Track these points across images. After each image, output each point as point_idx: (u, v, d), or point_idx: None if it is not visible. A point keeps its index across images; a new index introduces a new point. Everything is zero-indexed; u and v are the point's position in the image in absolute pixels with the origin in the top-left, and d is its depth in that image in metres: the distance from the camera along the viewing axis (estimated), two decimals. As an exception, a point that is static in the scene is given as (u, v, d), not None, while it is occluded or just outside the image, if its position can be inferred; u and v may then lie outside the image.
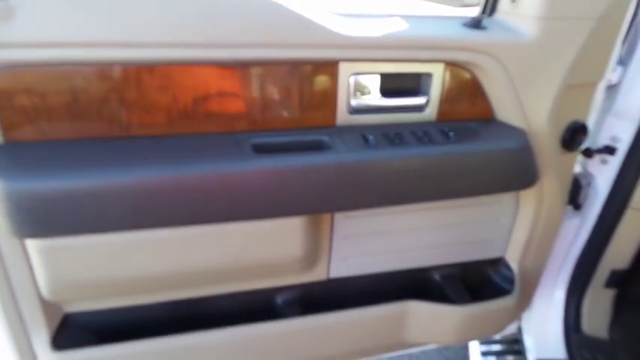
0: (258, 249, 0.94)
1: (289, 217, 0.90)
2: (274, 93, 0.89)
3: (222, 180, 0.82)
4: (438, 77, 0.97)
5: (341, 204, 0.90)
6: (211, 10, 0.78)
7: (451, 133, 0.97)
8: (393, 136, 0.96)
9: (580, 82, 1.04)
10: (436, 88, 0.99)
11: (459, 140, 0.96)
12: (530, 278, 1.31)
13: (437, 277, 1.25)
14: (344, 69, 0.91)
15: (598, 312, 1.49)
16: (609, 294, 1.50)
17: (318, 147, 0.92)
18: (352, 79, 0.92)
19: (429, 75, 0.97)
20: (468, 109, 1.03)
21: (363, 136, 0.94)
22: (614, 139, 1.31)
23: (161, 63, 0.81)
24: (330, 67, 0.90)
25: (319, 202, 0.89)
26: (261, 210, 0.86)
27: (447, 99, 1.00)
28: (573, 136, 1.10)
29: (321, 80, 0.91)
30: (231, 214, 0.85)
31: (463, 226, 1.18)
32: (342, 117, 0.96)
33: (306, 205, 0.89)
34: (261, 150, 0.88)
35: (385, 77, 0.96)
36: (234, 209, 0.84)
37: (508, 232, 1.24)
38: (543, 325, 1.51)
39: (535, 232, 1.21)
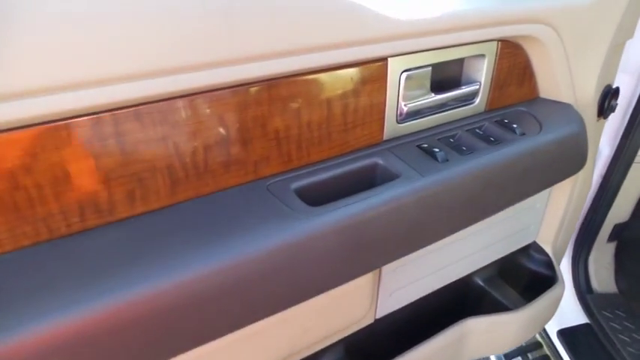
0: (322, 324, 0.70)
1: (363, 274, 0.67)
2: (307, 114, 0.63)
3: (275, 255, 0.55)
4: (491, 59, 0.78)
5: (423, 240, 0.69)
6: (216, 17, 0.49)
7: (514, 126, 0.79)
8: (454, 141, 0.75)
9: (618, 42, 0.92)
10: (488, 73, 0.79)
11: (525, 133, 0.79)
12: (560, 254, 1.22)
13: (480, 282, 1.11)
14: (394, 66, 0.67)
15: (603, 268, 1.48)
16: (611, 247, 1.49)
17: (380, 176, 0.69)
18: (404, 77, 0.69)
19: (481, 57, 0.77)
20: (515, 91, 0.86)
21: (422, 149, 0.72)
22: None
23: (143, 101, 0.50)
24: (377, 66, 0.66)
25: (399, 247, 0.67)
26: (329, 279, 0.62)
27: (497, 83, 0.82)
28: (608, 101, 0.99)
29: (367, 85, 0.66)
30: (293, 295, 0.59)
31: (501, 222, 1.03)
32: (391, 128, 0.73)
33: (385, 254, 0.66)
34: (310, 197, 0.63)
35: (436, 68, 0.75)
36: (297, 288, 0.59)
37: (542, 216, 1.12)
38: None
39: (568, 209, 1.11)
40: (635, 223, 1.44)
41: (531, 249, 1.17)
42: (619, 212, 1.39)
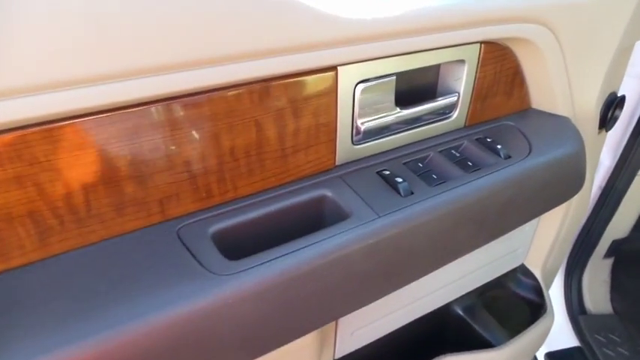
0: None
1: (300, 337, 0.54)
2: (229, 138, 0.49)
3: (171, 330, 0.42)
4: (472, 65, 0.64)
5: (377, 292, 0.56)
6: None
7: (498, 147, 0.66)
8: (424, 166, 0.62)
9: (626, 44, 0.78)
10: (468, 81, 0.65)
11: (511, 155, 0.66)
12: (550, 278, 1.10)
13: (459, 311, 0.98)
14: (346, 77, 0.53)
15: (598, 286, 1.36)
16: (607, 264, 1.37)
17: (329, 212, 0.55)
18: (359, 90, 0.55)
19: (460, 64, 0.64)
20: (502, 102, 0.72)
21: (382, 176, 0.59)
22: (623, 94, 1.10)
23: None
24: (323, 77, 0.52)
25: (347, 302, 0.54)
26: (251, 348, 0.49)
27: (479, 94, 0.68)
28: (612, 112, 0.86)
29: (311, 101, 0.52)
30: None
31: (485, 246, 0.91)
32: (345, 151, 0.59)
33: (328, 312, 0.53)
34: (233, 243, 0.50)
35: (402, 78, 0.61)
36: None
37: (531, 239, 0.99)
38: (547, 313, 1.34)
39: (561, 231, 0.98)
40: (634, 238, 1.32)
41: (518, 272, 1.05)
42: (618, 227, 1.26)
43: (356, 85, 0.55)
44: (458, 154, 0.64)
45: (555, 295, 1.35)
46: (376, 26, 0.50)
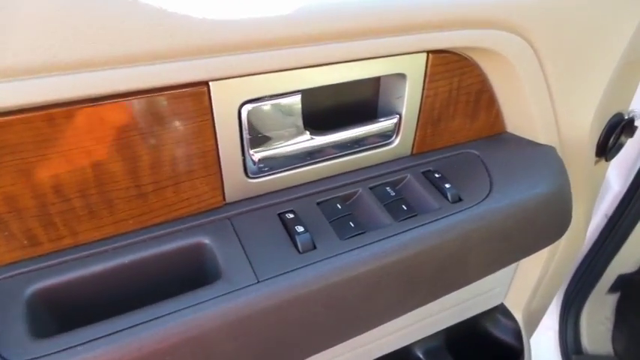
0: None
1: None
2: (47, 171, 0.37)
3: None
4: (416, 80, 0.50)
5: None
6: None
7: (447, 185, 0.52)
8: (343, 208, 0.48)
9: (630, 59, 0.61)
10: (412, 100, 0.51)
11: (462, 197, 0.51)
12: (534, 322, 0.96)
13: (420, 354, 0.86)
14: (223, 95, 0.40)
15: (598, 323, 1.20)
16: (611, 299, 1.20)
17: (207, 265, 0.43)
18: (246, 112, 0.42)
19: (400, 78, 0.49)
20: (465, 126, 0.57)
21: (283, 222, 0.46)
22: (632, 114, 0.92)
23: None
24: (187, 95, 0.39)
25: None
26: None
27: (429, 116, 0.54)
28: (615, 137, 0.70)
29: (173, 126, 0.40)
30: None
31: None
32: (237, 185, 0.46)
33: None
34: (64, 307, 0.39)
35: (311, 96, 0.47)
36: None
37: (510, 277, 0.85)
38: (535, 349, 1.20)
39: (546, 271, 0.83)
40: (644, 272, 1.15)
41: (498, 312, 0.91)
42: (625, 261, 1.09)
43: (241, 105, 0.42)
44: (393, 193, 0.51)
45: (549, 330, 1.20)
46: (259, 31, 0.37)
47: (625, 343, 1.19)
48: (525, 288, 0.85)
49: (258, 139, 0.44)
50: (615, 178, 0.99)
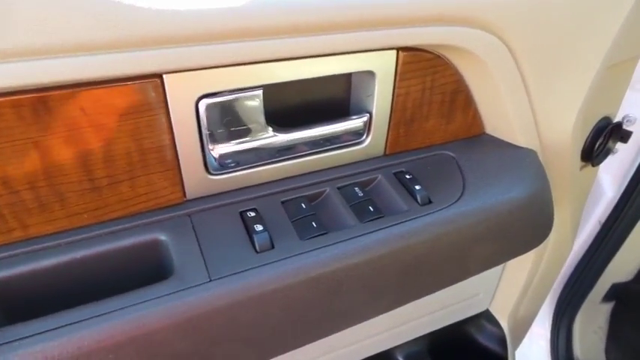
0: None
1: None
2: (20, 165, 0.37)
3: None
4: (386, 78, 0.48)
5: None
6: None
7: (417, 187, 0.50)
8: (308, 208, 0.47)
9: (620, 59, 0.60)
10: (383, 99, 0.50)
11: (432, 200, 0.50)
12: (521, 330, 0.94)
13: (400, 358, 0.84)
14: (178, 88, 0.39)
15: (591, 333, 1.17)
16: (604, 308, 1.18)
17: (163, 263, 0.42)
18: (204, 106, 0.41)
19: (368, 76, 0.48)
20: (440, 126, 0.56)
21: (244, 219, 0.45)
22: (627, 119, 0.90)
23: None
24: (140, 88, 0.38)
25: None
26: None
27: (402, 116, 0.52)
28: (601, 142, 0.68)
29: (126, 119, 0.39)
30: None
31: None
32: (198, 182, 0.46)
33: None
34: (13, 303, 0.38)
35: (278, 92, 0.46)
36: None
37: (496, 283, 0.83)
38: (526, 358, 1.18)
39: (533, 277, 0.81)
40: (638, 280, 1.12)
41: (483, 318, 0.89)
42: (620, 269, 1.07)
43: (198, 100, 0.41)
44: (361, 194, 0.49)
45: (541, 339, 1.17)
46: (216, 21, 0.36)
47: (619, 355, 1.17)
48: (511, 294, 0.83)
49: (218, 134, 0.43)
50: (609, 184, 0.97)
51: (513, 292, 0.83)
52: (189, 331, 0.39)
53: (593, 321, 1.15)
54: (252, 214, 0.45)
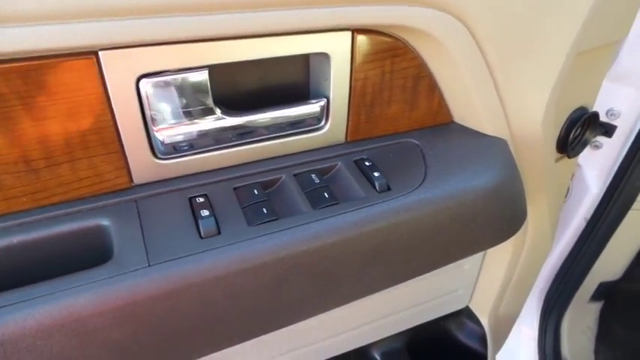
0: None
1: None
2: None
3: None
4: (342, 61, 0.47)
5: None
6: None
7: (376, 174, 0.49)
8: (262, 194, 0.46)
9: (594, 45, 0.58)
10: (340, 83, 0.48)
11: (391, 187, 0.49)
12: (503, 329, 0.92)
13: (377, 355, 0.82)
14: (116, 66, 0.38)
15: (580, 333, 1.15)
16: (593, 308, 1.16)
17: (96, 254, 0.41)
18: (146, 86, 0.40)
19: (324, 59, 0.47)
20: (404, 113, 0.54)
21: (192, 205, 0.44)
22: (611, 113, 0.89)
23: None
24: (73, 64, 0.37)
25: None
26: None
27: (362, 101, 0.51)
28: (578, 133, 0.66)
29: (60, 97, 0.37)
30: None
31: (407, 288, 0.74)
32: (146, 167, 0.44)
33: None
34: None
35: (222, 73, 0.45)
36: None
37: (474, 279, 0.81)
38: (514, 359, 1.15)
39: (513, 273, 0.79)
40: (632, 279, 1.10)
41: (462, 316, 0.87)
42: (607, 267, 1.05)
43: (138, 79, 0.39)
44: (318, 181, 0.48)
45: (531, 340, 1.15)
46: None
47: (608, 355, 1.14)
48: (491, 291, 0.81)
49: (163, 116, 0.42)
50: (594, 180, 0.95)
51: (493, 289, 0.81)
52: (126, 318, 0.37)
53: (581, 321, 1.13)
54: (201, 199, 0.44)
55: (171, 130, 0.43)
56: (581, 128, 0.67)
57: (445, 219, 0.49)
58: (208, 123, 0.44)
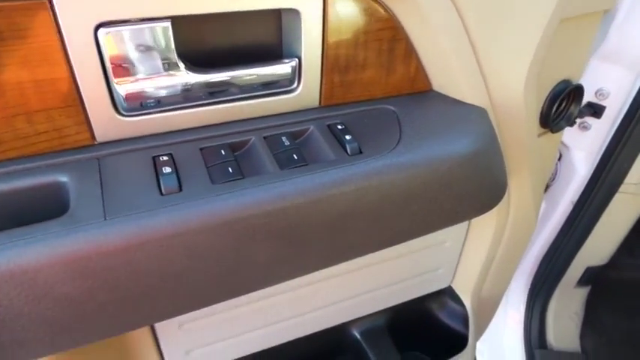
0: None
1: None
2: None
3: None
4: (313, 18, 0.46)
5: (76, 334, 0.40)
6: None
7: (347, 137, 0.47)
8: (228, 155, 0.45)
9: (578, 12, 0.57)
10: (311, 42, 0.47)
11: (365, 149, 0.47)
12: (487, 310, 0.91)
13: (356, 334, 0.82)
14: (72, 14, 0.37)
15: (566, 318, 1.14)
16: (580, 293, 1.15)
17: (53, 209, 0.40)
18: (104, 36, 0.39)
19: (295, 16, 0.45)
20: (381, 78, 0.53)
21: (155, 164, 0.43)
22: (600, 93, 0.87)
23: None
24: (24, 9, 0.35)
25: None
26: None
27: (336, 63, 0.49)
28: (563, 107, 0.65)
29: (10, 44, 0.36)
30: None
31: (387, 264, 0.73)
32: (109, 123, 0.43)
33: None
34: None
35: (188, 26, 0.44)
36: None
37: (457, 258, 0.80)
38: (499, 344, 1.15)
39: (495, 252, 0.78)
40: (620, 265, 1.09)
41: (445, 296, 0.86)
42: (594, 252, 1.04)
43: (96, 28, 0.38)
44: (288, 143, 0.47)
45: (517, 324, 1.15)
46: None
47: (594, 342, 1.14)
48: (473, 271, 0.81)
49: (124, 69, 0.41)
50: (582, 162, 0.94)
51: (476, 268, 0.80)
52: (79, 273, 0.36)
53: (568, 306, 1.13)
54: (165, 158, 0.43)
55: (133, 84, 0.42)
56: (565, 102, 0.65)
57: (419, 185, 0.48)
58: (172, 79, 0.43)
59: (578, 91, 0.65)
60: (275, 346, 0.72)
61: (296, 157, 0.45)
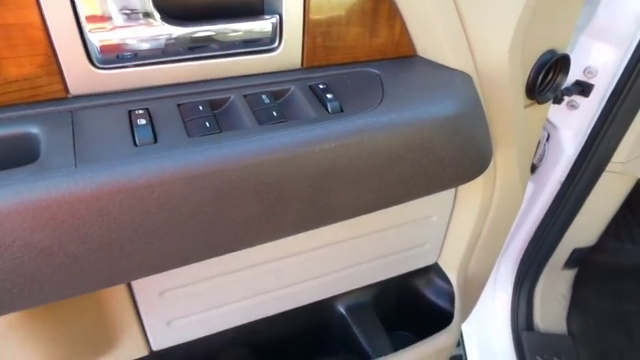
0: None
1: None
2: None
3: None
4: (294, -27, 0.45)
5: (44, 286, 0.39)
6: None
7: (329, 96, 0.47)
8: (206, 111, 0.44)
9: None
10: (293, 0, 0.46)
11: (346, 107, 0.47)
12: (475, 283, 0.91)
13: (342, 309, 0.81)
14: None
15: (553, 300, 1.15)
16: (567, 275, 1.15)
17: (20, 158, 0.39)
18: (74, -17, 0.38)
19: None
20: (364, 40, 0.52)
21: (130, 117, 0.42)
22: (588, 71, 0.87)
23: None
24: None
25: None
26: None
27: (318, 22, 0.49)
28: (547, 77, 0.65)
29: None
30: None
31: (372, 237, 0.72)
32: (83, 76, 0.42)
33: None
34: None
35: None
36: None
37: (443, 233, 0.80)
38: (486, 326, 1.15)
39: (481, 229, 0.78)
40: (607, 247, 1.10)
41: (431, 272, 0.86)
42: (581, 234, 1.04)
43: (65, -27, 0.37)
44: (268, 101, 0.46)
45: (504, 305, 1.15)
46: None
47: (581, 324, 1.14)
48: (459, 248, 0.80)
49: (96, 17, 0.40)
50: (570, 141, 0.94)
51: (462, 244, 0.80)
52: (48, 220, 0.35)
53: (555, 288, 1.13)
54: (141, 112, 0.42)
55: (107, 33, 0.41)
56: (552, 73, 0.65)
57: (401, 146, 0.47)
58: (148, 30, 0.42)
59: (565, 61, 0.64)
60: (258, 320, 0.71)
61: (275, 114, 0.44)
